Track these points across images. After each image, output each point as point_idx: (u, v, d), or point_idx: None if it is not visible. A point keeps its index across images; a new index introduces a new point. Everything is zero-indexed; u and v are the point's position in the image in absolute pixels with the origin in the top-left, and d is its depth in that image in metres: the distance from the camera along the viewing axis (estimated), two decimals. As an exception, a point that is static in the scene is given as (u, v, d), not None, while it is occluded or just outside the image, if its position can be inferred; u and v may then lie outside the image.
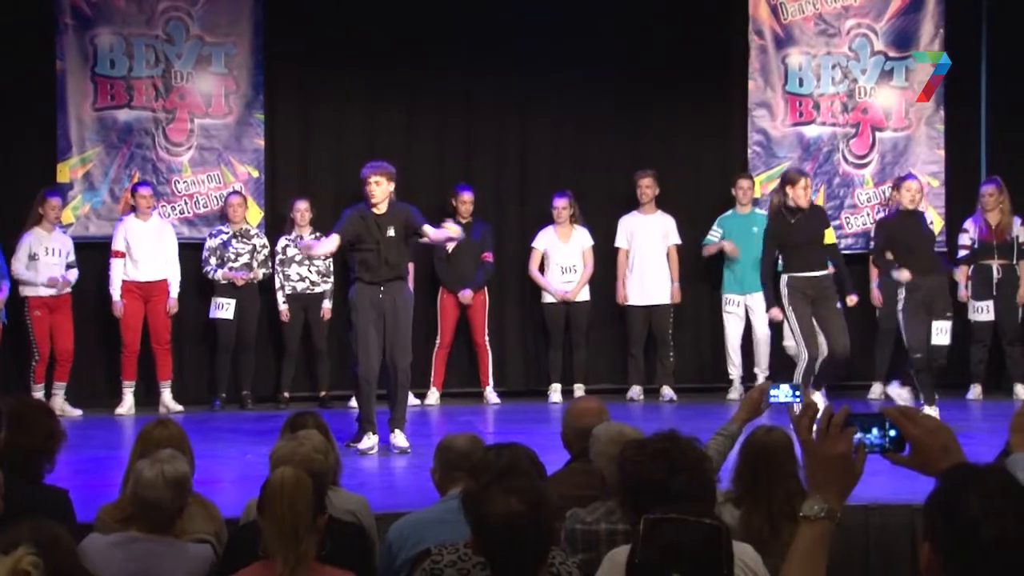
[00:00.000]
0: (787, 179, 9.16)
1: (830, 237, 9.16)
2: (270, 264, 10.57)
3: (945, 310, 9.10)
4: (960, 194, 11.27)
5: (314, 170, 11.03)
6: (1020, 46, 11.37)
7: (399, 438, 8.20)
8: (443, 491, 4.42)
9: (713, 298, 11.25)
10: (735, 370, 10.96)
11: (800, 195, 9.00)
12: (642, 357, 11.08)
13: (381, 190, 8.22)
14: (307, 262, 10.55)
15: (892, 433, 2.35)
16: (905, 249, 9.09)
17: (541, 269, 10.97)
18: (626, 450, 3.51)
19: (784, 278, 9.13)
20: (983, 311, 10.75)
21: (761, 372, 10.86)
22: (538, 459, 4.15)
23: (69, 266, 10.11)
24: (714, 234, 10.96)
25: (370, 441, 8.19)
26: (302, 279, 10.55)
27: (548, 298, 10.97)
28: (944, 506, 2.09)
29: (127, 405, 10.14)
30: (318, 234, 10.66)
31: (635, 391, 10.96)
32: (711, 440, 4.70)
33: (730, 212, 10.99)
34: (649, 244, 10.98)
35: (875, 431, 2.37)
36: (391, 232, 8.20)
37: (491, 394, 10.75)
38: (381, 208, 8.24)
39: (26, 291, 9.97)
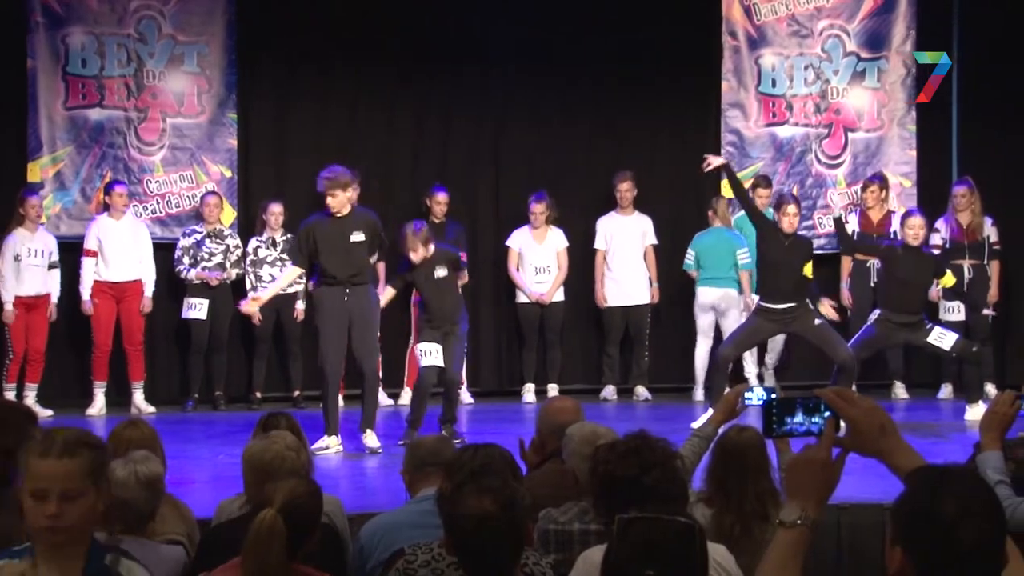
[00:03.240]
0: (777, 201, 9.26)
1: (807, 271, 9.19)
2: (242, 265, 10.54)
3: (925, 329, 9.17)
4: (932, 194, 11.33)
5: (289, 171, 10.99)
6: (991, 47, 11.45)
7: (370, 439, 8.21)
8: (414, 491, 4.41)
9: (688, 299, 11.26)
10: (752, 368, 11.01)
11: (784, 221, 9.02)
12: (618, 357, 11.10)
13: (338, 201, 8.21)
14: (279, 263, 10.52)
15: (827, 415, 2.35)
16: (899, 285, 9.15)
17: (517, 268, 10.98)
18: (598, 451, 3.52)
19: (755, 301, 9.21)
20: (954, 311, 10.80)
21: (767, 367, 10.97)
22: (513, 459, 4.15)
23: (51, 266, 10.06)
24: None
25: (327, 441, 8.19)
26: (274, 280, 10.49)
27: (522, 298, 10.98)
28: (918, 510, 2.08)
29: (98, 406, 10.08)
30: (289, 236, 10.65)
31: (609, 391, 10.98)
32: (687, 441, 4.72)
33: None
34: (627, 245, 11.01)
35: (812, 414, 2.37)
36: (356, 236, 8.21)
37: (465, 394, 10.74)
38: (342, 213, 8.24)
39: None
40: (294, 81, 10.95)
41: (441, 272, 8.81)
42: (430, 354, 8.65)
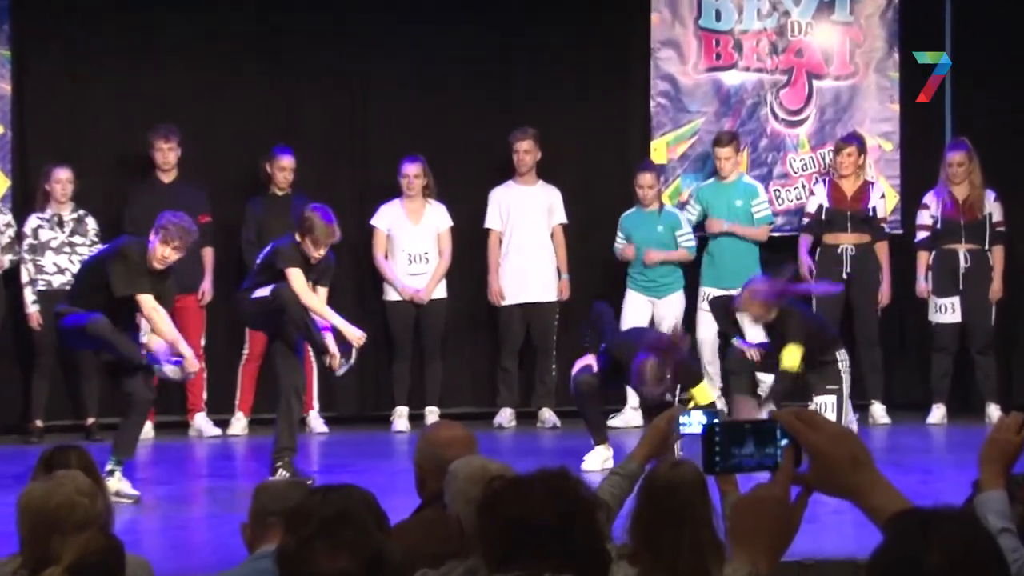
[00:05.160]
0: None
1: None
2: (17, 249, 10.39)
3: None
4: (919, 160, 11.50)
5: (81, 127, 10.85)
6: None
7: (115, 481, 8.00)
8: (254, 549, 4.40)
9: (612, 294, 11.32)
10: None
11: None
12: (516, 372, 11.15)
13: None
14: (68, 249, 10.37)
15: (784, 443, 2.36)
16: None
17: (385, 256, 10.98)
18: (491, 489, 3.51)
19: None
20: (947, 310, 10.97)
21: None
22: (377, 504, 4.15)
23: None
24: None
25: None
26: (60, 271, 10.36)
27: (392, 295, 10.96)
28: (899, 559, 2.11)
29: None
30: (80, 212, 10.49)
31: (505, 416, 11.02)
32: (604, 480, 4.73)
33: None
34: (529, 224, 11.05)
35: (766, 443, 2.38)
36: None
37: (315, 420, 10.70)
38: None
39: None
40: (92, 10, 10.81)
41: (323, 290, 8.81)
42: None
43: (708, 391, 9.11)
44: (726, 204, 10.99)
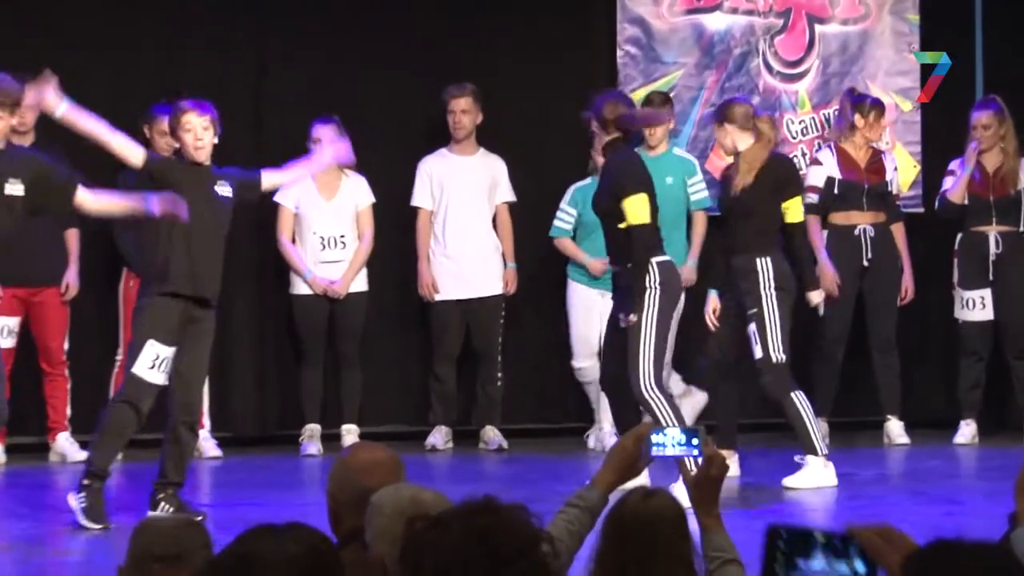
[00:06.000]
0: None
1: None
2: None
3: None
4: (943, 122, 11.54)
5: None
6: None
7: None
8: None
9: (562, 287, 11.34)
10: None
11: None
12: (454, 381, 11.17)
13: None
14: None
15: (860, 568, 2.39)
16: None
17: (292, 239, 10.97)
18: (411, 533, 3.47)
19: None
20: (976, 305, 10.98)
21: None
22: (319, 555, 4.10)
23: None
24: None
25: None
26: None
27: (301, 287, 10.95)
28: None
29: None
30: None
31: (439, 436, 11.04)
32: (559, 513, 4.70)
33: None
34: (467, 202, 11.09)
35: (839, 558, 2.40)
36: (12, 188, 8.19)
37: (206, 441, 10.65)
38: None
39: None
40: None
41: (224, 190, 8.60)
42: (157, 362, 8.44)
43: None
44: (656, 182, 10.80)
